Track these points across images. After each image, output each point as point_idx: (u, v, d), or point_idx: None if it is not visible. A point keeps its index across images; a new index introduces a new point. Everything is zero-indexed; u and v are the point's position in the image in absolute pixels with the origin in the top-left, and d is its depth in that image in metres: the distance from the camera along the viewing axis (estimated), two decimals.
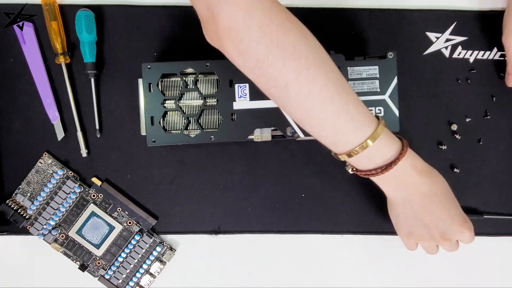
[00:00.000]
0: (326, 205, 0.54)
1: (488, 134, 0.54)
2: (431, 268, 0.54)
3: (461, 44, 0.54)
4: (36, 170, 0.52)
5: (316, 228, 0.54)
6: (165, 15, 0.53)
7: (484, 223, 0.53)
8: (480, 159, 0.54)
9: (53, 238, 0.52)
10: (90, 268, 0.53)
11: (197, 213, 0.53)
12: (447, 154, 0.54)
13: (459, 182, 0.54)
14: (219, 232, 0.54)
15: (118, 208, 0.53)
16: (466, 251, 0.49)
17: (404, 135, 0.52)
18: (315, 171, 0.54)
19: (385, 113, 0.49)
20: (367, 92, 0.49)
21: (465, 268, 0.54)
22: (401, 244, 0.49)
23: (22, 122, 0.53)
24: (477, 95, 0.54)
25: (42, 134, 0.53)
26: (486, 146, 0.54)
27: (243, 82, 0.48)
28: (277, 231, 0.54)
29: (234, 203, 0.54)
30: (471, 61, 0.54)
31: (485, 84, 0.54)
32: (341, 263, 0.54)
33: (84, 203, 0.53)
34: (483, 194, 0.54)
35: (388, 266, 0.54)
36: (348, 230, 0.54)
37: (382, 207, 0.53)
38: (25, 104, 0.53)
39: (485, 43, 0.54)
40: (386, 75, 0.49)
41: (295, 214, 0.54)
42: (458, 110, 0.54)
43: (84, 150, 0.52)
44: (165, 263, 0.53)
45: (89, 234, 0.52)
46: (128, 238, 0.53)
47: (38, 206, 0.52)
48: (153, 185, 0.53)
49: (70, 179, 0.52)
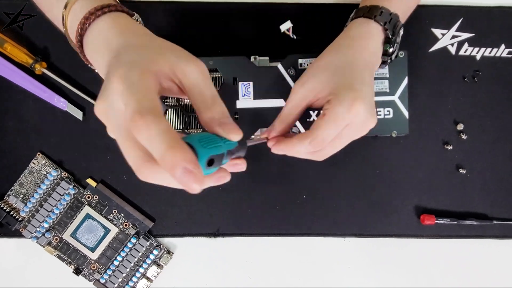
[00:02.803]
0: (328, 207, 0.53)
1: (495, 134, 0.53)
2: (435, 271, 0.53)
3: (468, 41, 0.53)
4: (29, 171, 0.51)
5: (318, 230, 0.53)
6: (164, 11, 0.52)
7: (491, 226, 0.52)
8: (487, 159, 0.53)
9: (46, 241, 0.51)
10: (85, 272, 0.52)
11: (195, 215, 0.52)
12: (453, 154, 0.53)
13: (465, 183, 0.53)
14: (218, 234, 0.53)
15: (113, 210, 0.52)
16: (472, 254, 0.49)
17: (409, 134, 0.51)
18: (317, 172, 0.53)
19: (394, 115, 0.48)
20: (376, 92, 0.48)
21: (470, 271, 0.53)
22: (405, 247, 0.48)
23: (15, 122, 0.52)
24: (484, 93, 0.53)
25: (35, 134, 0.52)
26: (493, 147, 0.53)
27: (247, 80, 0.47)
28: (277, 234, 0.53)
29: (234, 205, 0.53)
30: (478, 58, 0.53)
31: (492, 82, 0.53)
32: (344, 267, 0.53)
33: (78, 205, 0.51)
34: (490, 195, 0.53)
35: (392, 269, 0.53)
36: (351, 232, 0.53)
37: (386, 209, 0.52)
38: (18, 103, 0.51)
39: (492, 40, 0.53)
40: (396, 75, 0.48)
41: (296, 216, 0.53)
42: (465, 109, 0.53)
43: None
44: (162, 267, 0.52)
45: (84, 237, 0.51)
46: (124, 241, 0.52)
47: (32, 208, 0.51)
48: (150, 187, 0.52)
49: (64, 180, 0.51)
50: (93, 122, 0.52)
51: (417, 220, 0.52)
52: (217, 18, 0.52)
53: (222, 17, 0.52)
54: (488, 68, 0.53)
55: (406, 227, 0.53)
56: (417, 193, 0.53)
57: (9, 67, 0.50)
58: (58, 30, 0.40)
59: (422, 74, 0.52)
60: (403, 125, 0.48)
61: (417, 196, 0.53)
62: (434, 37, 0.53)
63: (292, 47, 0.51)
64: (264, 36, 0.52)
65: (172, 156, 0.25)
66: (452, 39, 0.53)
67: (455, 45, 0.53)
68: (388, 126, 0.48)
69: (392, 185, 0.53)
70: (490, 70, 0.53)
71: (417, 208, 0.53)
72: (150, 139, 0.25)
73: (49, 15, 0.40)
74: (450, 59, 0.53)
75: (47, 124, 0.51)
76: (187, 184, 0.25)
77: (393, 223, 0.53)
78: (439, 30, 0.52)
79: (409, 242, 0.53)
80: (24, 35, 0.51)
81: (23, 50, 0.50)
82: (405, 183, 0.53)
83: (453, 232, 0.52)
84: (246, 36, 0.52)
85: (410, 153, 0.53)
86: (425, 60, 0.52)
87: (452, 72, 0.53)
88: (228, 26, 0.52)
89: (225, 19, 0.52)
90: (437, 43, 0.53)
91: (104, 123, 0.30)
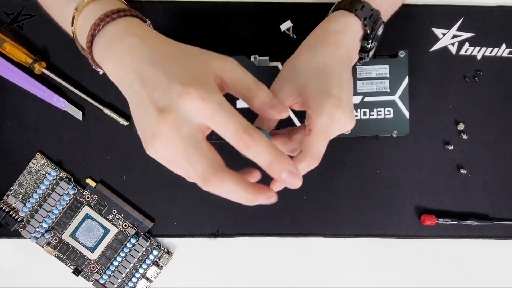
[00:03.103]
0: (329, 207, 0.52)
1: (496, 133, 0.53)
2: (436, 271, 0.53)
3: (469, 41, 0.52)
4: (28, 171, 0.51)
5: (318, 231, 0.53)
6: (164, 11, 0.51)
7: (492, 227, 0.52)
8: (488, 159, 0.53)
9: (46, 241, 0.51)
10: (84, 272, 0.51)
11: (195, 216, 0.52)
12: (453, 154, 0.53)
13: (466, 183, 0.52)
14: (218, 235, 0.52)
15: (113, 210, 0.51)
16: (473, 254, 0.48)
17: (410, 134, 0.51)
18: (317, 172, 0.51)
19: (394, 115, 0.48)
20: (376, 92, 0.47)
21: (471, 272, 0.53)
22: (406, 248, 0.48)
23: (14, 121, 0.51)
24: (484, 93, 0.52)
25: (34, 134, 0.51)
26: (494, 146, 0.53)
27: None
28: (277, 234, 0.53)
29: (234, 205, 0.51)
30: (478, 58, 0.52)
31: (493, 82, 0.52)
32: (344, 267, 0.53)
33: (78, 205, 0.51)
34: (491, 195, 0.53)
35: (393, 270, 0.53)
36: (351, 233, 0.53)
37: (387, 209, 0.52)
38: (17, 102, 0.51)
39: (493, 40, 0.52)
40: (397, 75, 0.47)
41: (296, 216, 0.52)
42: (465, 109, 0.52)
43: (123, 120, 0.51)
44: (162, 267, 0.52)
45: (83, 237, 0.51)
46: (123, 241, 0.51)
47: (31, 208, 0.51)
48: (150, 187, 0.52)
49: (64, 180, 0.51)
50: (93, 122, 0.51)
51: (418, 220, 0.52)
52: (217, 17, 0.51)
53: (222, 16, 0.51)
54: (489, 67, 0.52)
55: (407, 227, 0.52)
56: (417, 193, 0.52)
57: (9, 67, 0.50)
58: (59, 31, 0.40)
59: (423, 74, 0.52)
60: (403, 125, 0.48)
61: (417, 196, 0.52)
62: (434, 37, 0.52)
63: (292, 47, 0.51)
64: (264, 35, 0.51)
65: (278, 164, 0.30)
66: (452, 38, 0.52)
67: (456, 44, 0.52)
68: (388, 126, 0.48)
69: (393, 185, 0.52)
70: (491, 69, 0.52)
71: (417, 208, 0.52)
72: (257, 153, 0.30)
73: (54, 14, 0.40)
74: (451, 59, 0.52)
75: (47, 124, 0.51)
76: (293, 183, 0.30)
77: (394, 223, 0.52)
78: (440, 29, 0.52)
79: (409, 243, 0.53)
80: (24, 35, 0.51)
81: (22, 50, 0.50)
82: (405, 183, 0.52)
83: (454, 232, 0.52)
84: (246, 36, 0.51)
85: (410, 153, 0.52)
86: (425, 59, 0.52)
87: (452, 72, 0.52)
88: (228, 26, 0.51)
89: (225, 18, 0.51)
90: (438, 42, 0.52)
91: (165, 142, 0.29)
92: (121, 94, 0.33)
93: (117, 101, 0.52)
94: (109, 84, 0.48)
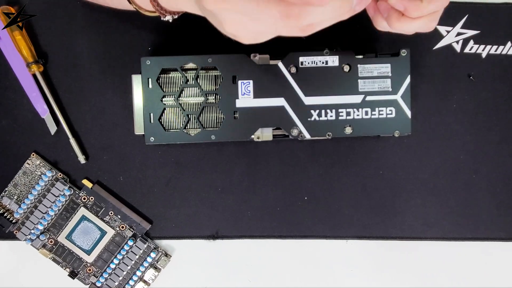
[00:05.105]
0: (330, 208, 0.52)
1: (501, 133, 0.52)
2: (440, 274, 0.52)
3: (473, 38, 0.52)
4: (23, 172, 0.50)
5: (320, 233, 0.52)
6: None
7: (497, 228, 0.52)
8: (493, 159, 0.52)
9: (41, 243, 0.50)
10: (81, 275, 0.51)
11: (194, 217, 0.52)
12: (457, 155, 0.52)
13: (470, 184, 0.52)
14: (217, 237, 0.52)
15: (110, 212, 0.51)
16: (478, 256, 0.48)
17: (413, 134, 0.50)
18: (319, 172, 0.52)
19: (396, 114, 0.47)
20: (378, 91, 0.47)
21: (476, 274, 0.53)
22: (408, 250, 0.48)
23: (8, 121, 0.51)
24: (489, 92, 0.52)
25: (29, 134, 0.51)
26: (499, 146, 0.52)
27: (247, 78, 0.46)
28: (278, 236, 0.52)
29: (233, 207, 0.52)
30: (483, 56, 0.52)
31: (498, 80, 0.52)
32: (346, 270, 0.52)
33: (74, 206, 0.50)
34: (496, 197, 0.52)
35: (396, 272, 0.52)
36: (353, 235, 0.52)
37: (389, 211, 0.52)
38: (11, 101, 0.50)
39: (498, 37, 0.52)
40: (399, 74, 0.47)
41: (297, 218, 0.52)
42: (470, 108, 0.52)
43: (81, 157, 0.50)
44: (160, 270, 0.51)
45: (79, 239, 0.50)
46: (120, 244, 0.51)
47: (26, 209, 0.50)
48: (147, 188, 0.51)
49: (60, 181, 0.50)
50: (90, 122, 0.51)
51: (421, 221, 0.52)
52: None
53: None
54: (494, 66, 0.52)
55: (410, 229, 0.52)
56: (421, 194, 0.52)
57: (15, 52, 0.49)
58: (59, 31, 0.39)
59: (426, 72, 0.52)
60: (405, 124, 0.48)
61: (421, 197, 0.52)
62: (438, 35, 0.52)
63: (293, 45, 0.50)
64: None
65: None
66: (457, 36, 0.52)
67: (460, 42, 0.52)
68: (390, 126, 0.48)
69: (395, 186, 0.52)
70: (496, 68, 0.52)
71: (421, 210, 0.52)
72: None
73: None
74: (455, 57, 0.52)
75: (42, 124, 0.50)
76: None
77: (397, 225, 0.52)
78: (444, 27, 0.51)
79: (413, 244, 0.52)
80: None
81: (29, 46, 0.49)
82: (408, 184, 0.52)
83: (459, 234, 0.52)
84: None
85: (413, 153, 0.52)
86: (429, 58, 0.51)
87: (457, 70, 0.52)
88: None
89: None
90: (442, 40, 0.52)
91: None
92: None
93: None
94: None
